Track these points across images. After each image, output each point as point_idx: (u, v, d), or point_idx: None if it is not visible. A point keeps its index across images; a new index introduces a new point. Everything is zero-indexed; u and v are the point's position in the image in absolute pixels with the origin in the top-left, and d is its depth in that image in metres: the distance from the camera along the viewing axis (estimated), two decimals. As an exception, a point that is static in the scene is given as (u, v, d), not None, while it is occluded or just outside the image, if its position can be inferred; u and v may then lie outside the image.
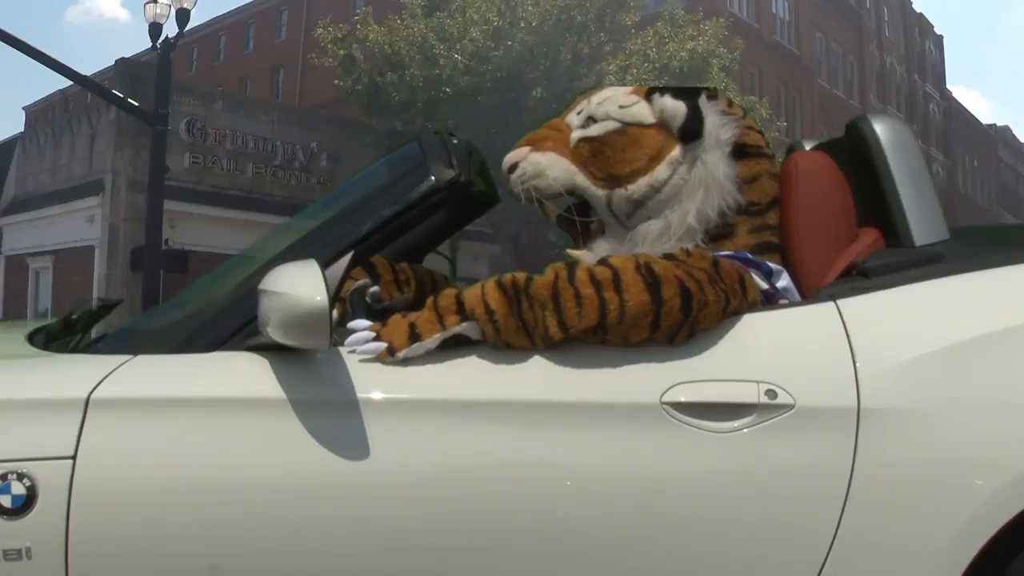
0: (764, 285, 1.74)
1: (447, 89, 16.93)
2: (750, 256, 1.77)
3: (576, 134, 1.88)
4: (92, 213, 17.06)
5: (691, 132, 1.79)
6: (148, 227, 13.00)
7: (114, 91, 13.17)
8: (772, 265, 1.79)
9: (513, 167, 1.87)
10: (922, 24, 38.58)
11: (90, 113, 18.32)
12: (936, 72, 39.72)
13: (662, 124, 1.82)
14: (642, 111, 1.84)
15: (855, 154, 1.89)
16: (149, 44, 13.11)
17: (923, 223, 1.77)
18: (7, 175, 20.10)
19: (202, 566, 1.52)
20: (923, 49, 38.51)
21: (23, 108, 42.05)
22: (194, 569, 1.52)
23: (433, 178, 1.84)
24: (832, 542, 1.53)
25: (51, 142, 19.16)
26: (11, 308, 19.28)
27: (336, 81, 19.21)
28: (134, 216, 15.61)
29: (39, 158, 19.31)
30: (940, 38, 41.12)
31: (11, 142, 21.74)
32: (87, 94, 21.13)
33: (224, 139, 17.92)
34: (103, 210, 16.87)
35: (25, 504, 1.48)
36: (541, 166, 1.85)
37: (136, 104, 12.69)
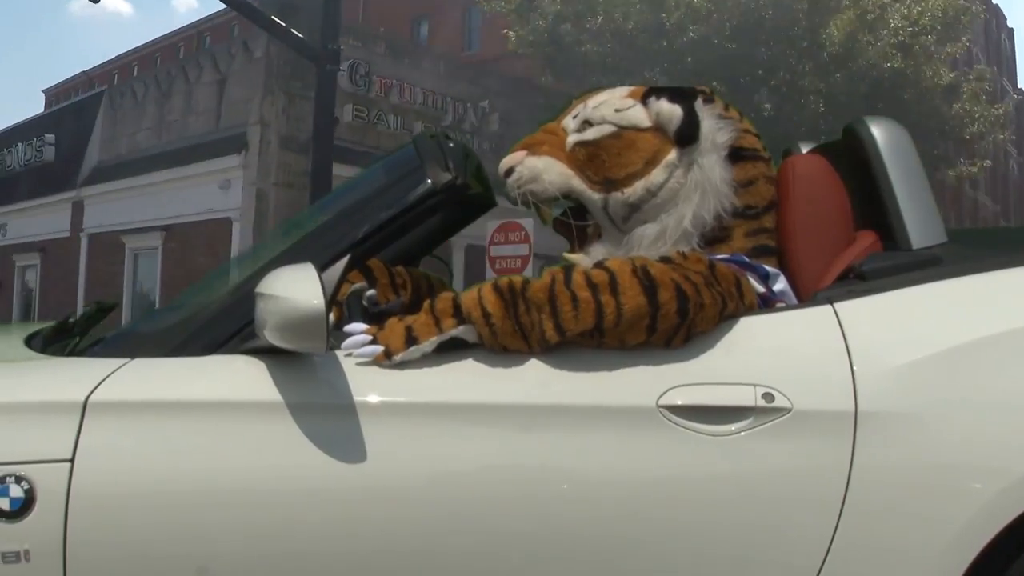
0: (760, 288, 1.74)
1: (663, 41, 14.79)
2: (746, 259, 1.77)
3: (572, 138, 1.88)
4: (228, 177, 13.61)
5: (687, 136, 1.79)
6: (314, 196, 9.42)
7: (275, 18, 9.79)
8: (768, 268, 1.79)
9: (509, 171, 1.87)
10: (999, 16, 38.07)
11: (215, 55, 15.23)
12: (1010, 66, 39.25)
13: (658, 128, 1.82)
14: (638, 115, 1.84)
15: (852, 157, 1.89)
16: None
17: (920, 226, 1.77)
18: (89, 139, 17.43)
19: (198, 569, 1.52)
20: (999, 40, 38.05)
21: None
22: (191, 571, 1.52)
23: (429, 181, 1.84)
24: (829, 546, 1.53)
25: (153, 94, 16.06)
26: (98, 297, 15.01)
27: (506, 31, 16.75)
28: (285, 181, 12.92)
29: (135, 115, 16.29)
30: (1012, 31, 40.75)
31: (87, 102, 19.20)
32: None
33: (390, 90, 14.94)
34: (245, 173, 13.45)
35: (23, 507, 1.48)
36: (537, 170, 1.85)
37: (301, 37, 9.74)
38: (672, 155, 1.80)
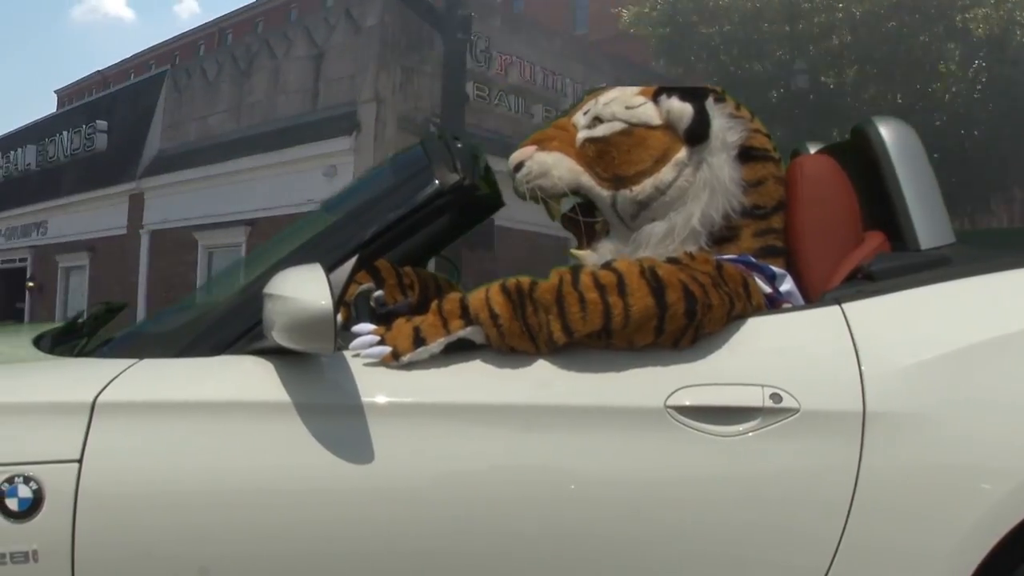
0: (767, 289, 1.73)
1: (800, 24, 13.59)
2: (753, 260, 1.77)
3: (582, 134, 1.88)
4: (334, 162, 11.70)
5: (697, 134, 1.79)
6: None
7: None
8: (775, 269, 1.79)
9: (519, 166, 1.87)
10: None
11: (309, 27, 13.38)
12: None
13: (668, 126, 1.82)
14: (648, 112, 1.84)
15: (860, 157, 1.89)
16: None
17: (929, 226, 1.76)
18: (148, 125, 15.74)
19: (202, 569, 1.52)
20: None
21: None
22: (199, 572, 1.52)
23: (437, 182, 1.84)
24: (838, 546, 1.53)
25: (229, 73, 14.42)
26: (163, 299, 13.73)
27: (619, 9, 15.44)
28: (405, 166, 11.53)
29: (205, 97, 14.71)
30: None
31: (144, 85, 17.43)
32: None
33: (510, 68, 13.38)
34: (357, 157, 11.64)
35: (32, 507, 1.48)
36: (546, 165, 1.85)
37: (430, 1, 8.61)
38: (682, 153, 1.80)
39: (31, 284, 19.16)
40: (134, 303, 14.50)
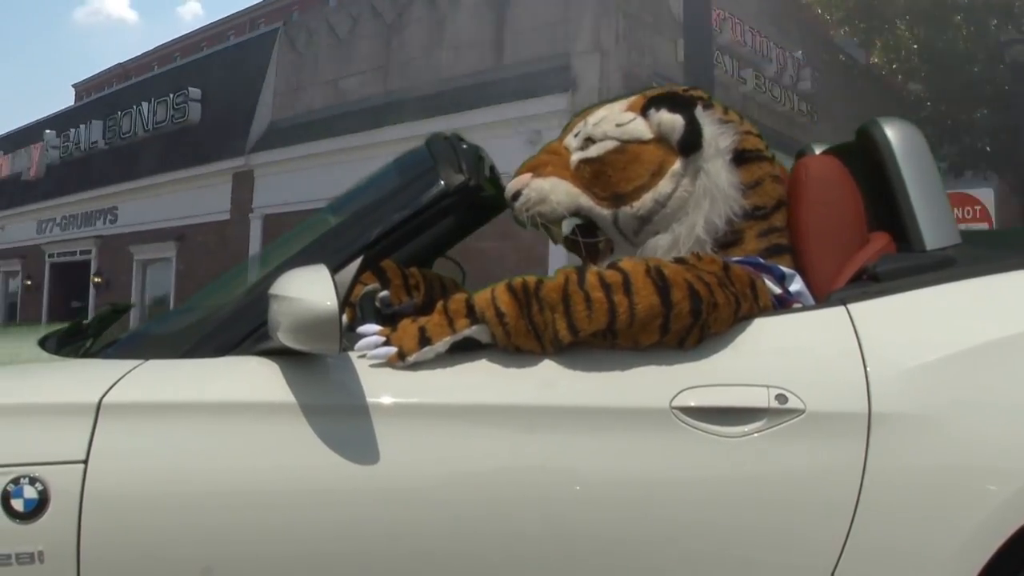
0: (777, 290, 1.73)
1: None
2: (762, 261, 1.77)
3: (576, 156, 1.88)
4: (539, 127, 9.39)
5: (691, 144, 1.79)
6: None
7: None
8: (784, 269, 1.79)
9: (516, 195, 1.88)
10: None
11: None
12: None
13: (661, 138, 1.82)
14: (639, 127, 1.84)
15: (866, 158, 1.89)
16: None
17: (934, 227, 1.76)
18: (257, 92, 13.61)
19: (205, 569, 1.52)
20: None
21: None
22: (203, 573, 1.53)
23: (443, 183, 1.85)
24: (843, 547, 1.53)
25: (368, 29, 12.36)
26: None
27: None
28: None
29: (333, 57, 12.77)
30: None
31: (250, 44, 15.05)
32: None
33: (723, 24, 11.45)
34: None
35: (37, 508, 1.48)
36: (544, 191, 1.86)
37: None
38: (677, 164, 1.80)
39: (97, 279, 16.90)
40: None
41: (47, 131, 18.33)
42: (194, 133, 14.74)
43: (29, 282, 18.84)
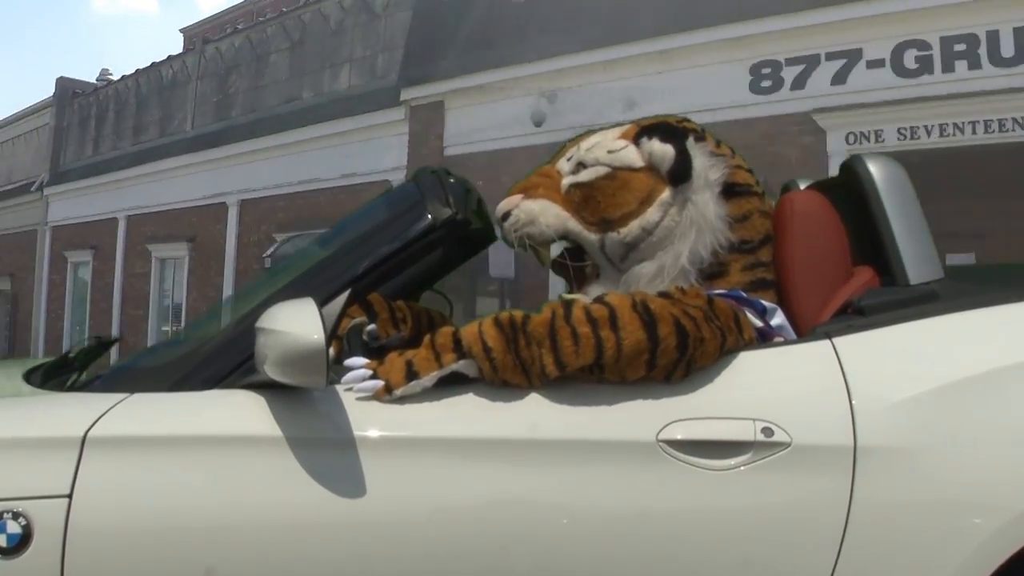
0: (759, 323, 1.74)
1: None
2: (743, 294, 1.78)
3: (567, 180, 1.90)
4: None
5: (680, 174, 1.80)
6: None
7: None
8: (766, 303, 1.80)
9: (506, 215, 1.89)
10: None
11: None
12: None
13: (651, 167, 1.83)
14: (631, 155, 1.86)
15: (850, 194, 1.91)
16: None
17: (918, 262, 1.77)
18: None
19: None
20: None
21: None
22: None
23: (430, 216, 1.86)
24: None
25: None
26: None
27: None
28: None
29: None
30: None
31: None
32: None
33: None
34: None
35: (21, 543, 1.47)
36: (533, 213, 1.87)
37: None
38: (666, 194, 1.82)
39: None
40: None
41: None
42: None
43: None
